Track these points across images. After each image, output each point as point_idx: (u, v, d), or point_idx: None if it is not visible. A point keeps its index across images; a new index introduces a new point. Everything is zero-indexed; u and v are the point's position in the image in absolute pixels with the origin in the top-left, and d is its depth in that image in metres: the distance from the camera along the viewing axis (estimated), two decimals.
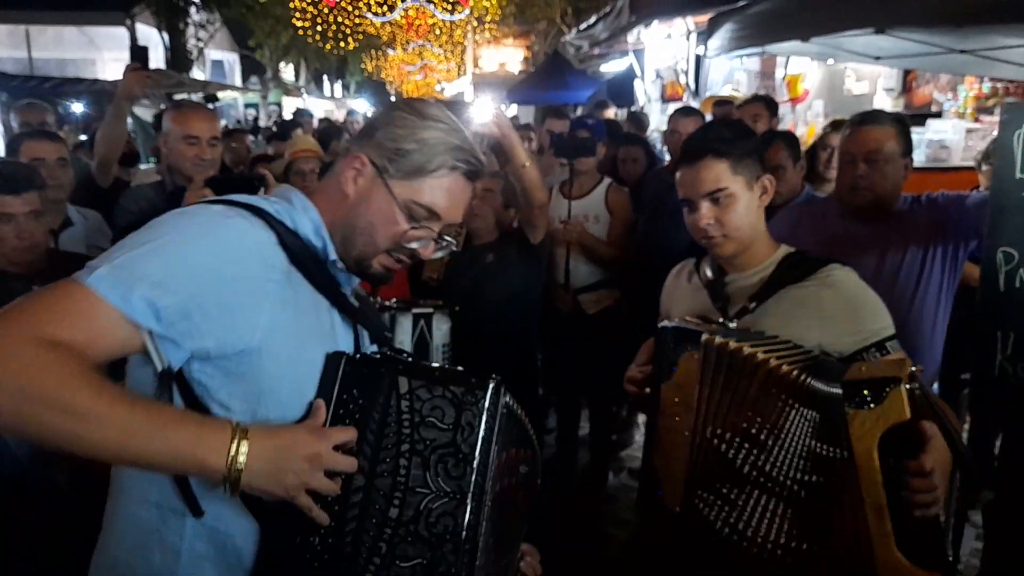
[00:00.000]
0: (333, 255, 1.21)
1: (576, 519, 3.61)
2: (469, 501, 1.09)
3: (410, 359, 1.19)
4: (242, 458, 1.00)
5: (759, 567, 1.41)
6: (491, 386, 1.11)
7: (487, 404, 1.10)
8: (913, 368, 1.25)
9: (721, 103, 4.96)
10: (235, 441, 1.00)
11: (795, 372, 1.36)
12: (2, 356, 0.91)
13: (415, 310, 2.53)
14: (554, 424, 4.28)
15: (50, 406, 0.91)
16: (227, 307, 1.04)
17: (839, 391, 1.28)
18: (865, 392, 1.24)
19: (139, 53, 3.15)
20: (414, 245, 1.23)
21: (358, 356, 1.17)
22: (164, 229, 1.06)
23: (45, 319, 0.95)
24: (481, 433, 1.09)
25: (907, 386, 1.21)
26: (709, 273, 1.75)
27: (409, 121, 1.20)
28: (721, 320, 1.62)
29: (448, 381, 1.11)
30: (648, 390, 1.62)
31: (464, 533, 1.09)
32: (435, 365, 1.20)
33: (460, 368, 1.16)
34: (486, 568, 1.15)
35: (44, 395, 0.91)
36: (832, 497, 1.30)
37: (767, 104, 4.36)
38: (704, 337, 1.46)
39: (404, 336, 2.44)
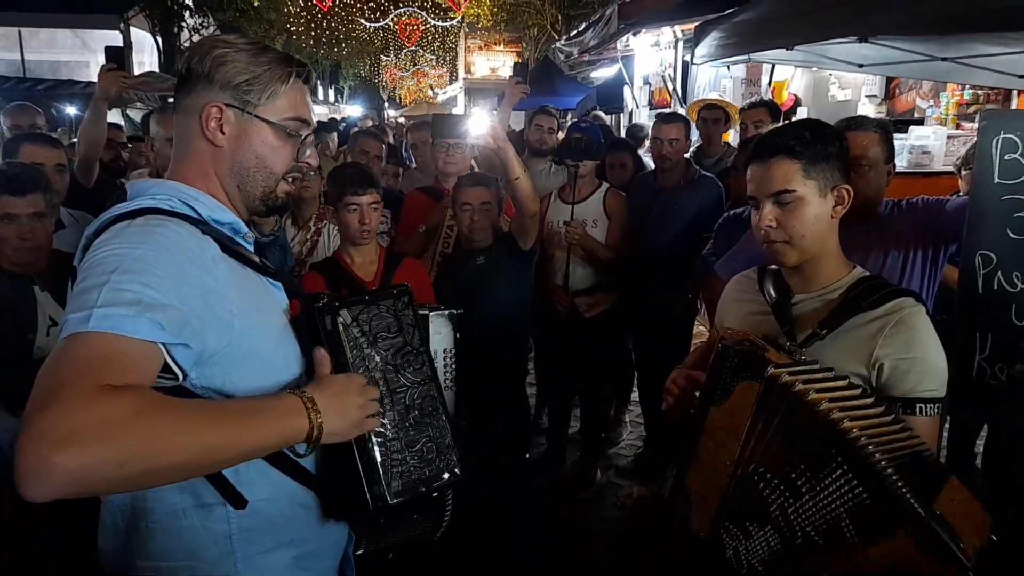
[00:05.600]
0: (244, 228, 1.28)
1: (563, 516, 3.66)
2: (433, 378, 1.39)
3: (334, 294, 1.34)
4: (321, 418, 1.12)
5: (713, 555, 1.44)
6: (404, 290, 1.40)
7: (410, 308, 1.39)
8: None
9: (710, 107, 4.97)
10: (308, 406, 1.12)
11: (880, 458, 1.21)
12: (109, 432, 0.88)
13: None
14: (547, 423, 4.34)
15: (179, 452, 0.95)
16: (206, 301, 1.08)
17: (923, 513, 1.15)
18: (943, 538, 1.13)
19: (114, 54, 3.23)
20: (306, 156, 1.32)
21: (308, 307, 1.30)
22: (117, 257, 1.04)
23: (95, 374, 0.92)
24: (419, 328, 1.39)
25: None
26: (773, 292, 1.65)
27: (232, 54, 1.22)
28: (788, 345, 1.51)
29: (377, 300, 1.35)
30: (692, 403, 1.57)
31: (440, 398, 1.39)
32: (365, 292, 1.40)
33: (375, 289, 1.42)
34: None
35: (168, 450, 0.94)
36: (819, 563, 1.27)
37: (770, 110, 4.36)
38: (770, 372, 1.36)
39: None
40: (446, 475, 1.34)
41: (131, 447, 0.89)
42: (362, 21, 18.94)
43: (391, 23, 18.87)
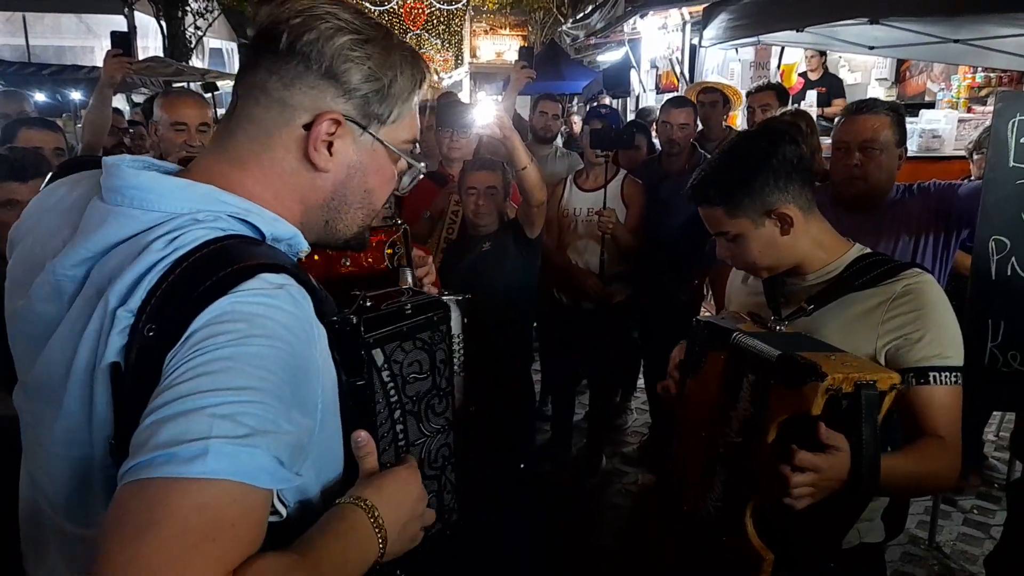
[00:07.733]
0: (305, 244, 0.96)
1: (569, 503, 3.66)
2: (454, 424, 1.11)
3: (369, 319, 0.99)
4: (386, 531, 0.88)
5: (697, 522, 1.46)
6: (445, 315, 1.08)
7: (446, 340, 1.09)
8: (873, 382, 1.18)
9: (707, 90, 4.90)
10: (373, 521, 0.87)
11: (752, 340, 1.35)
12: None
13: None
14: (550, 411, 4.33)
15: None
16: (311, 405, 0.82)
17: (772, 359, 1.26)
18: (792, 372, 1.22)
19: (120, 39, 3.17)
20: (404, 184, 1.04)
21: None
22: (227, 359, 0.74)
23: (220, 554, 0.67)
24: (453, 363, 1.11)
25: (831, 389, 1.17)
26: None
27: (361, 49, 0.89)
28: (771, 320, 1.52)
29: (416, 331, 1.03)
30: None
31: (455, 443, 1.12)
32: (393, 311, 1.02)
33: (415, 304, 1.05)
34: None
35: None
36: (742, 458, 1.33)
37: (778, 93, 4.27)
38: (733, 337, 1.40)
39: None
40: (439, 524, 1.11)
41: None
42: (367, 4, 18.86)
43: (396, 6, 18.78)
